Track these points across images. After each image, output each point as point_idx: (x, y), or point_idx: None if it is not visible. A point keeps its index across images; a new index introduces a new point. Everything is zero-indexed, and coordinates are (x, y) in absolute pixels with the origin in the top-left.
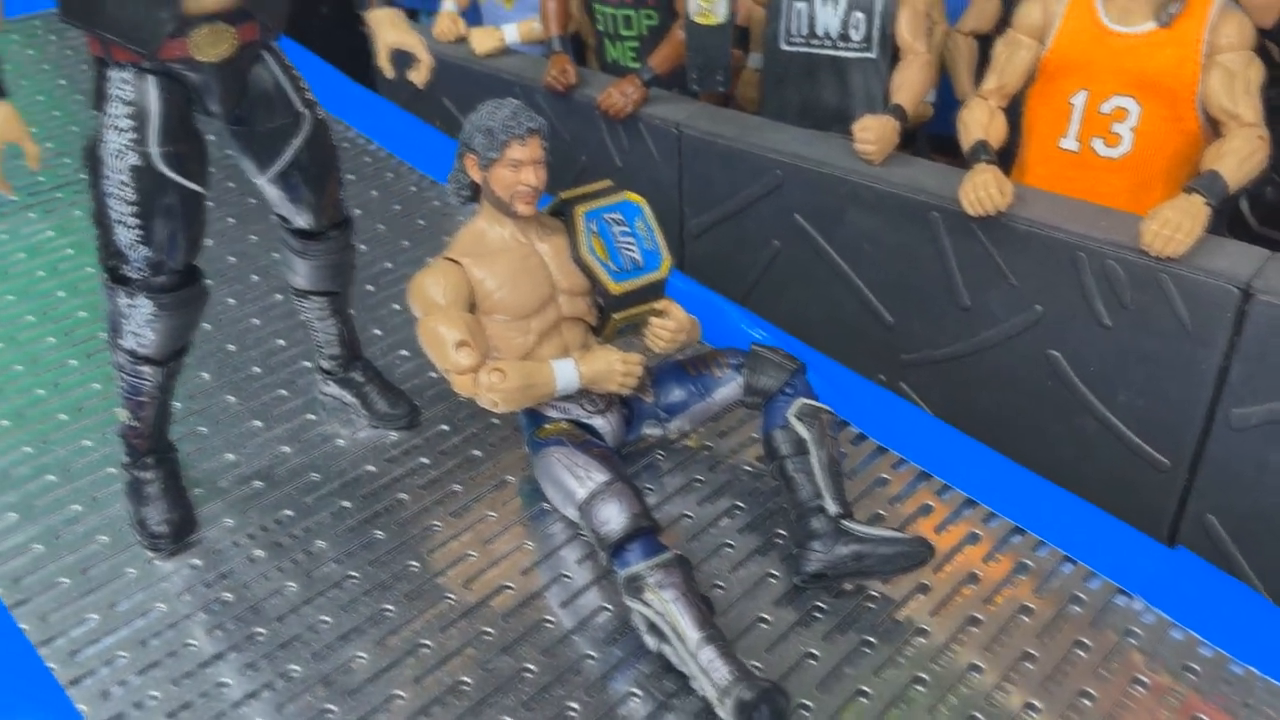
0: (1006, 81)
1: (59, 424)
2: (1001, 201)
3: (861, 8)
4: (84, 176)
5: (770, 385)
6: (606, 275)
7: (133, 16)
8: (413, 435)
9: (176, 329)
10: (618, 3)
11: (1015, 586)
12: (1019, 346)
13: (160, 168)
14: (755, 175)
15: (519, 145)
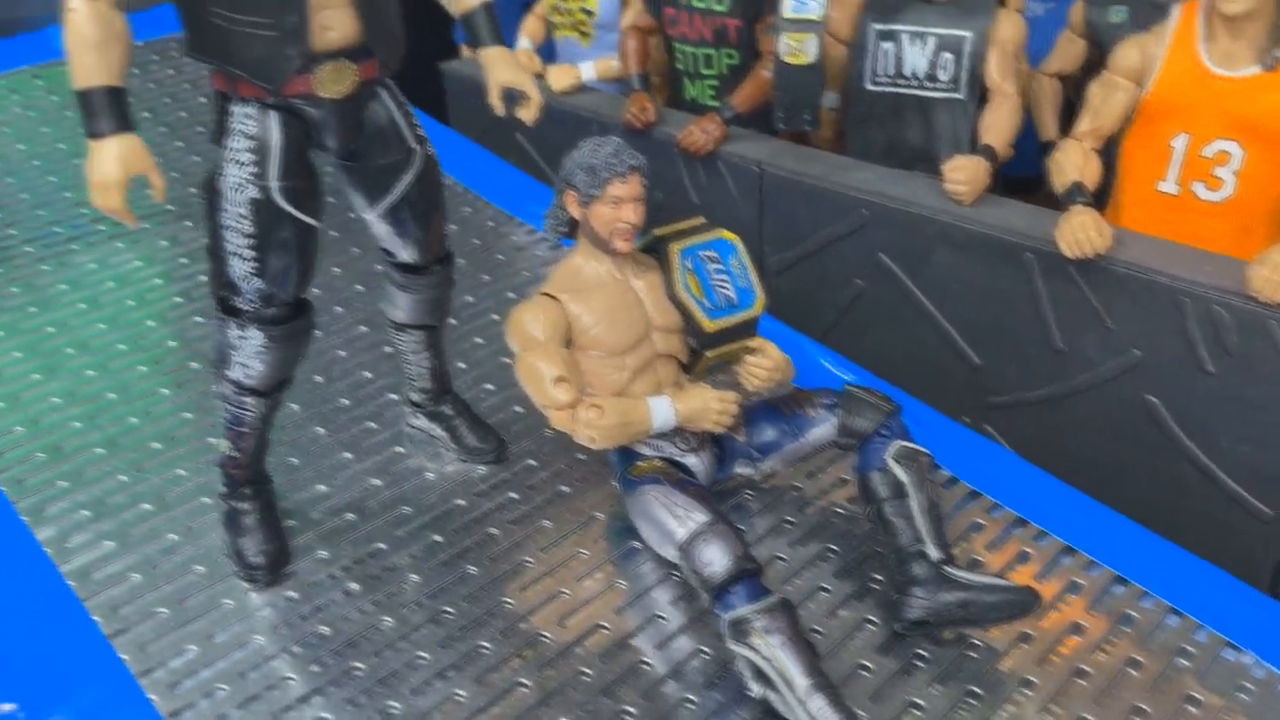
0: (1102, 123)
1: (153, 453)
2: (1100, 244)
3: (950, 48)
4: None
5: (866, 427)
6: (701, 312)
7: (261, 53)
8: (501, 470)
9: (283, 361)
10: (698, 41)
11: (1120, 638)
12: (1115, 391)
13: (279, 202)
14: (839, 214)
15: (620, 183)
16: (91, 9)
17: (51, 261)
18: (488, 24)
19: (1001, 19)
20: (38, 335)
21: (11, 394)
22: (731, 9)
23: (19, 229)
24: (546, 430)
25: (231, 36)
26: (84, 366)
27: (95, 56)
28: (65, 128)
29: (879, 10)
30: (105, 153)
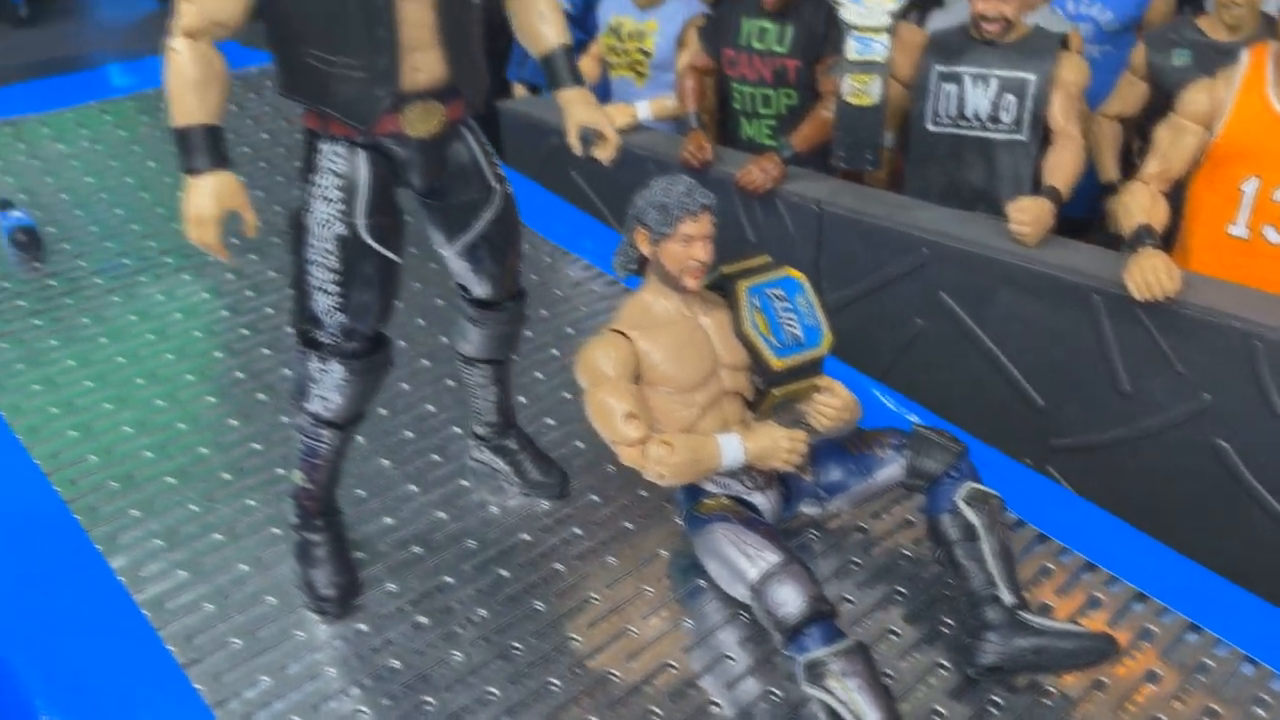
0: (1170, 166)
1: (223, 483)
2: (1171, 287)
3: (1013, 90)
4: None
5: (935, 468)
6: (768, 350)
7: (353, 93)
8: (564, 505)
9: (362, 394)
10: (757, 82)
11: (1196, 687)
12: (1183, 435)
13: (364, 238)
14: (899, 253)
15: (692, 221)
16: (193, 50)
17: (121, 293)
18: (567, 65)
19: (1065, 62)
20: (108, 365)
21: (84, 423)
22: (792, 50)
23: (88, 260)
24: (609, 466)
25: (325, 77)
26: (154, 396)
27: (195, 96)
28: (132, 161)
29: (941, 52)
30: (202, 189)
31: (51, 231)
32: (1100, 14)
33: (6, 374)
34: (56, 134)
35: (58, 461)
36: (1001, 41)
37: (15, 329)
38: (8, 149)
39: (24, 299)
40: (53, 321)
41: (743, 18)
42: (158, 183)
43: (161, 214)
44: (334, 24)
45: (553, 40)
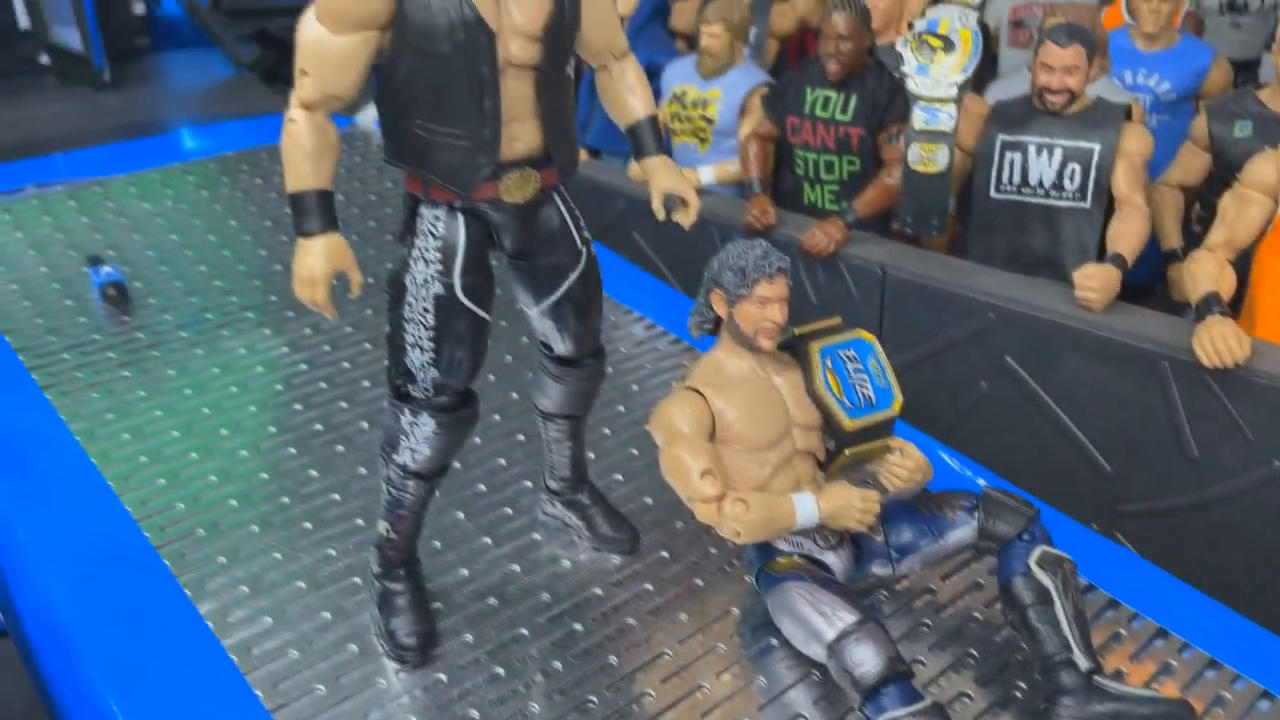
0: (1236, 236)
1: (304, 532)
2: (1240, 354)
3: (1077, 159)
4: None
5: (1007, 531)
6: (841, 411)
7: (455, 161)
8: (634, 560)
9: (449, 447)
10: (821, 148)
11: None
12: (1254, 502)
13: (460, 297)
14: (964, 317)
15: (768, 283)
16: (310, 120)
17: (205, 346)
18: (653, 135)
19: (1129, 132)
20: (194, 416)
21: (172, 471)
22: (855, 119)
23: (174, 315)
24: (678, 522)
25: (429, 146)
26: (237, 446)
27: (311, 164)
28: (214, 220)
29: (1005, 122)
30: (313, 250)
31: (139, 286)
32: (1158, 85)
33: (98, 423)
34: (143, 193)
35: (147, 509)
36: (1065, 113)
37: (105, 379)
38: (98, 207)
39: (113, 351)
40: (140, 373)
41: (807, 87)
42: (238, 240)
43: (242, 271)
44: (442, 97)
45: (640, 112)
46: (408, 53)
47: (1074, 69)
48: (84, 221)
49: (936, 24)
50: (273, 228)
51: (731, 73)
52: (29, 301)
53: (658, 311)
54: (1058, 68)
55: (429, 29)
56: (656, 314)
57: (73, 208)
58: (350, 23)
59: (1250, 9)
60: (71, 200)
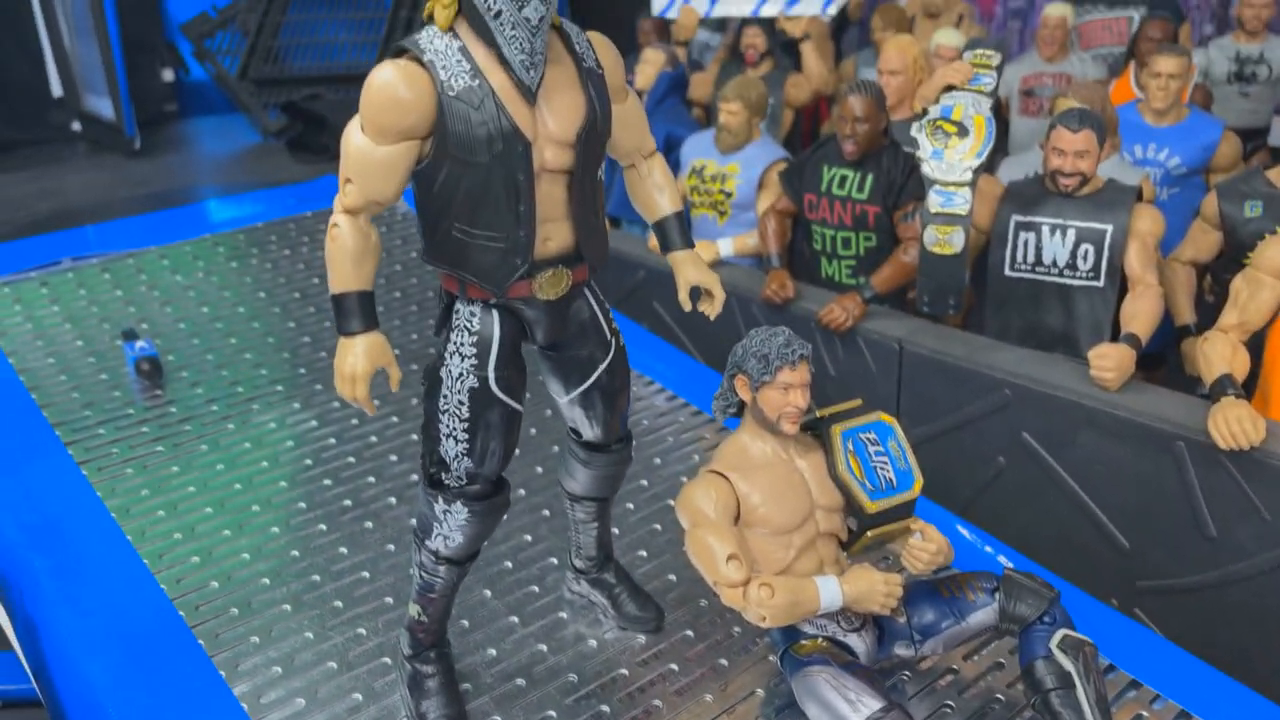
0: (1249, 318)
1: (335, 610)
2: (1255, 436)
3: (1090, 240)
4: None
5: (1028, 613)
6: (863, 494)
7: (491, 262)
8: (659, 639)
9: (481, 534)
10: (838, 225)
11: None
12: (1272, 583)
13: (494, 390)
14: (981, 393)
15: (790, 370)
16: (353, 225)
17: (235, 420)
18: (679, 230)
19: (1140, 213)
20: (226, 492)
21: (205, 549)
22: (871, 197)
23: (205, 388)
24: (701, 600)
25: (466, 247)
26: (268, 523)
27: (353, 267)
28: (243, 292)
29: (1018, 202)
30: (355, 349)
31: (171, 359)
32: (1168, 159)
33: (133, 499)
34: (175, 266)
35: (181, 587)
36: (1078, 194)
37: (140, 455)
38: (131, 280)
39: (147, 426)
40: (173, 448)
41: (824, 165)
42: (267, 313)
43: (271, 343)
44: (480, 202)
45: (667, 209)
46: (447, 161)
47: (1085, 153)
48: (118, 295)
49: (951, 110)
50: (301, 300)
51: (749, 148)
52: (65, 375)
53: (679, 383)
54: (1070, 152)
55: (469, 140)
56: (678, 386)
57: (107, 281)
58: (393, 134)
59: (1258, 78)
60: (105, 273)
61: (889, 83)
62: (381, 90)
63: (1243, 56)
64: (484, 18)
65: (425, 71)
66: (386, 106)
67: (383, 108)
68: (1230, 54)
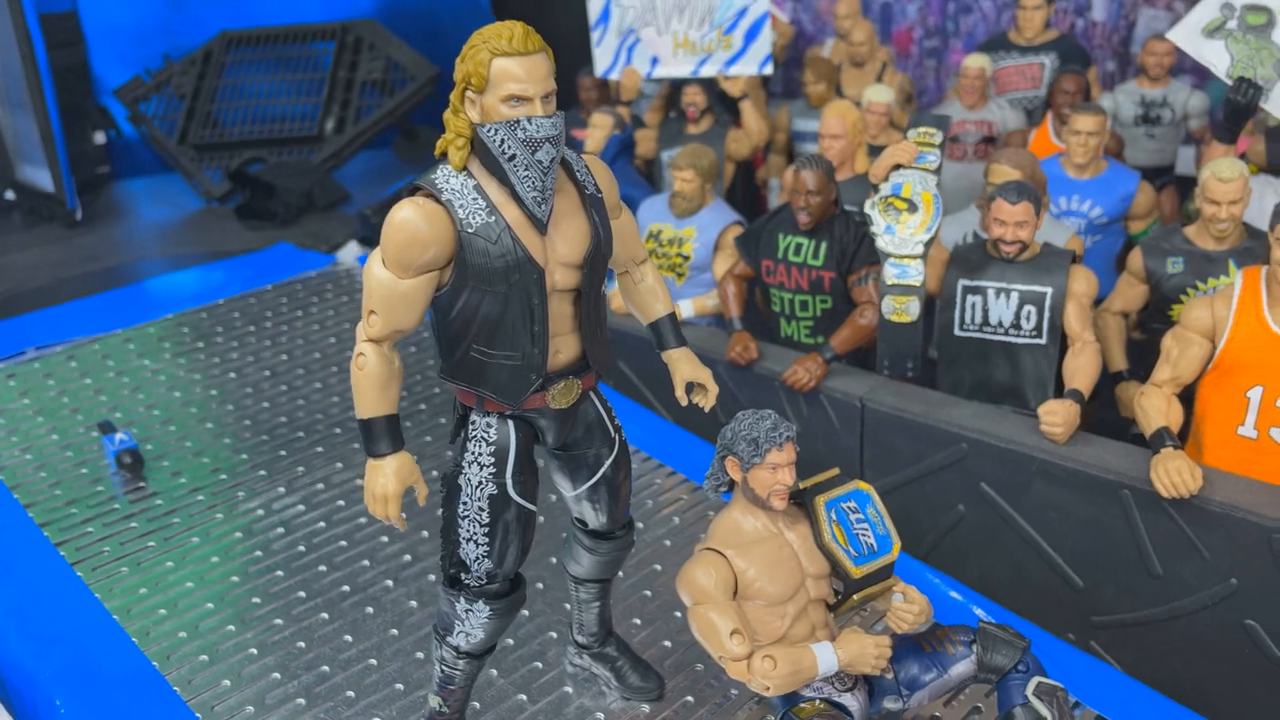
0: (1180, 374)
1: (348, 700)
2: (1194, 485)
3: (1032, 302)
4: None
5: (1004, 663)
6: (848, 560)
7: (508, 378)
8: (662, 707)
9: (500, 628)
10: (795, 289)
11: None
12: (1215, 615)
13: (512, 495)
14: (940, 446)
15: (778, 451)
16: (378, 353)
17: (223, 509)
18: (673, 330)
19: (1076, 275)
20: (225, 585)
21: (211, 646)
22: (826, 263)
23: (187, 477)
24: (697, 665)
25: (485, 366)
26: (271, 615)
27: (380, 393)
28: (212, 374)
29: (965, 268)
30: (385, 470)
31: (149, 449)
32: (1090, 210)
33: (133, 599)
34: (140, 349)
35: (194, 689)
36: (1018, 260)
37: (132, 551)
38: (99, 367)
39: (135, 520)
40: (164, 542)
41: (779, 233)
42: (239, 394)
43: (248, 425)
44: (498, 325)
45: (661, 311)
46: (466, 289)
47: (1024, 223)
48: (87, 383)
49: (900, 188)
50: (272, 378)
51: (704, 212)
52: (45, 472)
53: (653, 445)
54: (1010, 222)
55: (488, 272)
56: (652, 448)
57: (74, 369)
58: (415, 268)
59: (1162, 120)
60: (72, 361)
61: (830, 146)
62: (403, 228)
63: (1147, 101)
64: (498, 160)
65: (443, 209)
66: (408, 244)
67: (405, 245)
68: (1136, 99)
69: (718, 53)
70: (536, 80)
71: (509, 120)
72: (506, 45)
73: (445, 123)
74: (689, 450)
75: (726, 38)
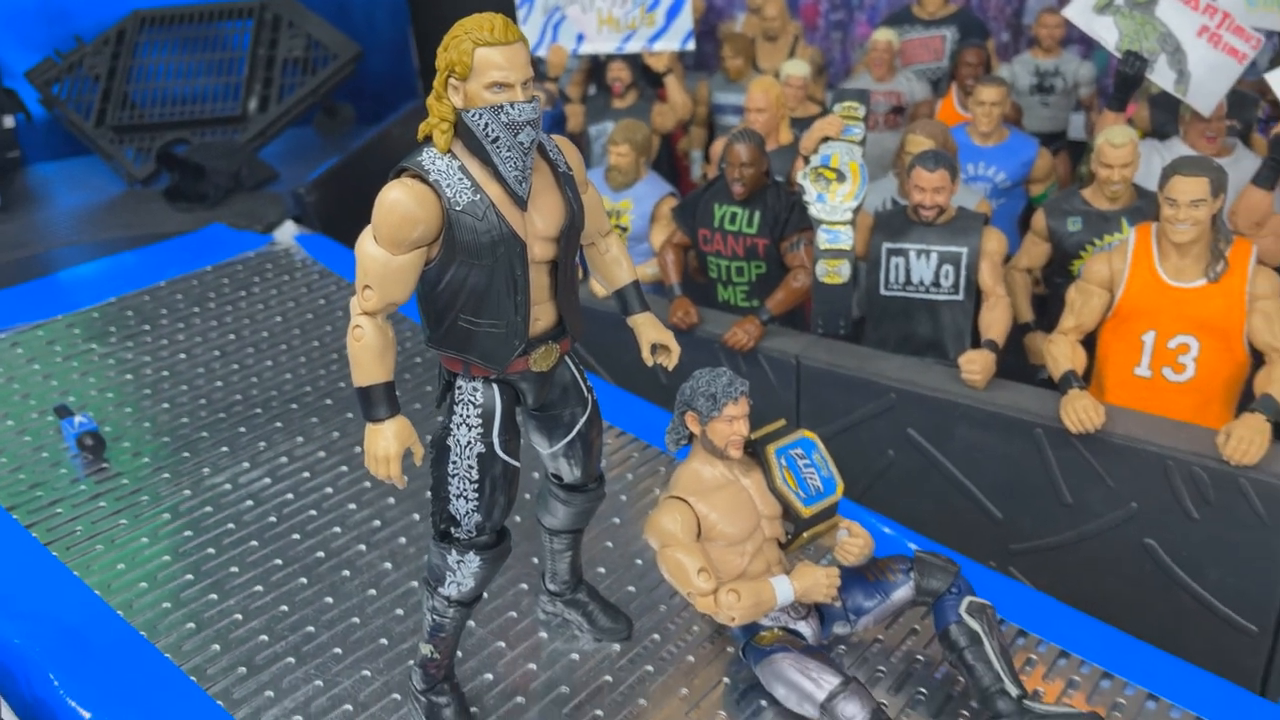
0: (1083, 322)
1: (336, 657)
2: (1098, 421)
3: (950, 261)
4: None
5: (939, 586)
6: (798, 501)
7: (493, 344)
8: (632, 645)
9: (489, 576)
10: (731, 256)
11: None
12: (1118, 536)
13: (499, 453)
14: (870, 397)
15: (733, 405)
16: (374, 325)
17: (189, 485)
18: (637, 296)
19: (989, 235)
20: (200, 556)
21: (196, 614)
22: (760, 230)
23: (150, 457)
24: (661, 606)
25: (472, 334)
26: (251, 583)
27: (378, 362)
28: (162, 357)
29: (888, 232)
30: (384, 433)
31: (108, 431)
32: (995, 175)
33: (112, 574)
34: (86, 334)
35: (185, 654)
36: (936, 223)
37: (105, 530)
38: (44, 353)
39: (103, 499)
40: (135, 519)
41: (715, 204)
42: (190, 375)
43: (204, 405)
44: (484, 296)
45: (625, 279)
46: (454, 262)
47: (941, 189)
48: (35, 369)
49: (829, 159)
50: (222, 358)
51: (639, 185)
52: (4, 457)
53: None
54: (929, 189)
55: (475, 247)
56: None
57: (20, 356)
58: (406, 245)
59: (1055, 89)
60: (17, 348)
61: (756, 119)
62: (395, 208)
63: (1041, 71)
64: (481, 142)
65: (431, 189)
66: (401, 223)
67: (398, 224)
68: (1031, 69)
69: (641, 29)
70: (517, 68)
71: (493, 105)
72: (489, 36)
73: (428, 108)
74: (637, 413)
75: (650, 15)
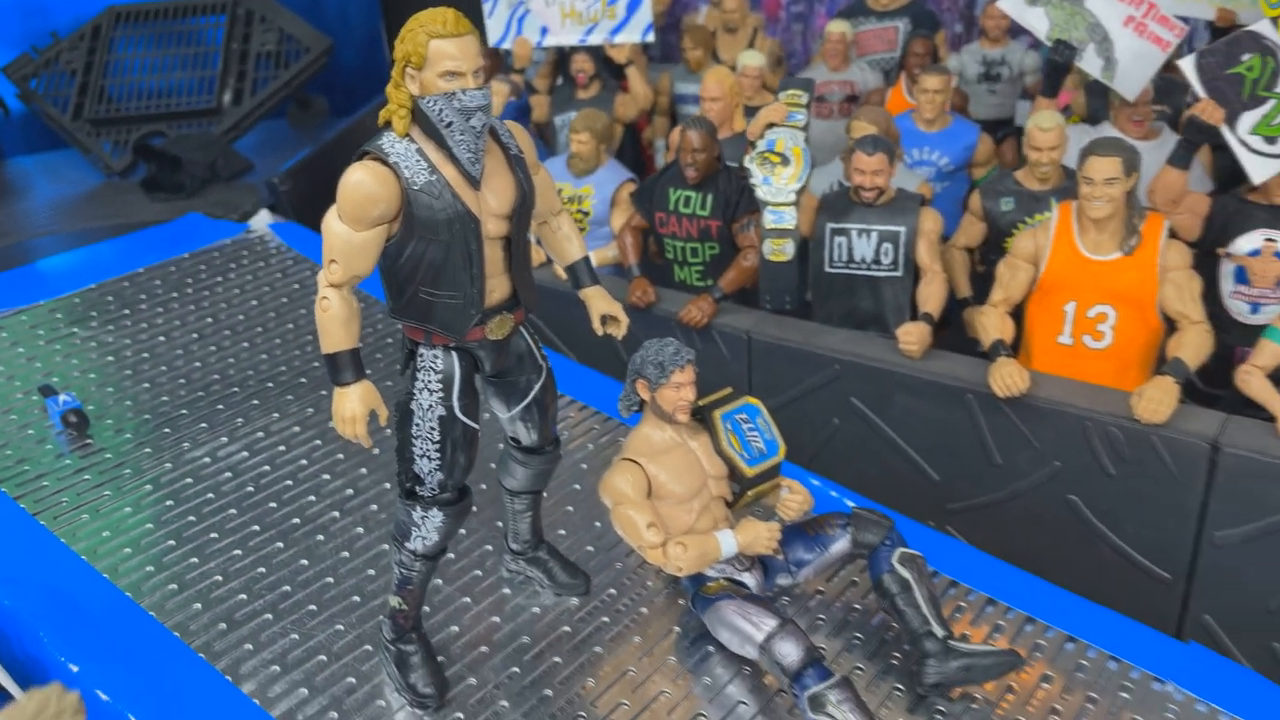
0: (1011, 294)
1: (311, 614)
2: (1023, 386)
3: (889, 240)
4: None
5: (873, 539)
6: (742, 462)
7: (452, 314)
8: (589, 600)
9: (452, 532)
10: (686, 238)
11: (1077, 685)
12: (1044, 494)
13: (459, 415)
14: (816, 369)
15: (680, 372)
16: (340, 296)
17: (170, 459)
18: (587, 270)
19: (925, 215)
20: (182, 524)
21: (178, 577)
22: (712, 213)
23: (132, 434)
24: (617, 563)
25: (431, 305)
26: (230, 547)
27: (344, 330)
28: (142, 340)
29: (832, 212)
30: (350, 396)
31: (91, 409)
32: (939, 159)
33: (97, 541)
34: (68, 319)
35: (168, 613)
36: (876, 204)
37: (89, 500)
38: (28, 336)
39: (88, 473)
40: (119, 491)
41: (670, 188)
42: (170, 357)
43: (183, 384)
44: (441, 269)
45: (575, 254)
46: (413, 238)
47: (880, 171)
48: (19, 351)
49: (774, 144)
50: (200, 340)
51: (600, 171)
52: None
53: (565, 385)
54: (868, 171)
55: (432, 223)
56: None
57: (4, 339)
58: (368, 222)
59: (1002, 78)
60: (2, 331)
61: (710, 108)
62: (358, 188)
63: (988, 60)
64: (436, 126)
65: (391, 171)
66: (362, 201)
67: (360, 203)
68: (978, 58)
69: (603, 22)
70: (468, 58)
71: (446, 93)
72: (441, 29)
73: (388, 96)
74: (598, 388)
75: (611, 8)
